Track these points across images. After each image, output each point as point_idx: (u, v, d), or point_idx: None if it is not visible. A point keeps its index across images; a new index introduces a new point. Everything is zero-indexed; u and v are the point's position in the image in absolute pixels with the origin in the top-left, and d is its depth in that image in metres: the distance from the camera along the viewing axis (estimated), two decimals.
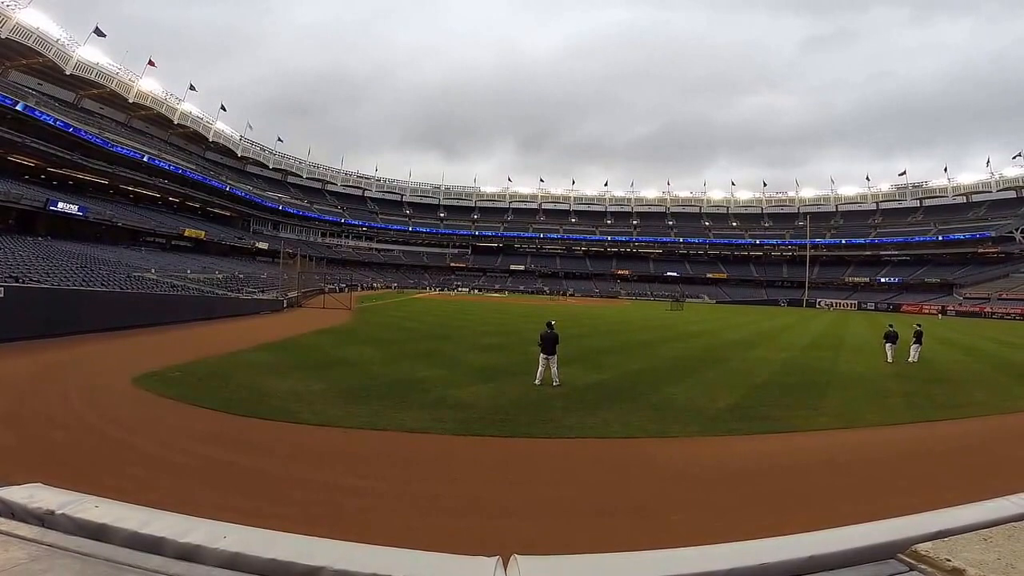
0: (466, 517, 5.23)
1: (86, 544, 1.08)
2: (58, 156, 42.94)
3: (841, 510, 5.28)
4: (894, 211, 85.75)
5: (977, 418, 9.94)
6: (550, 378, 11.19)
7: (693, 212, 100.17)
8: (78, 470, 5.75)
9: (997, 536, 1.17)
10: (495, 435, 7.82)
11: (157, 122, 61.24)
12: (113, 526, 1.13)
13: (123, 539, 1.11)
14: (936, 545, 1.14)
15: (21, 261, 24.05)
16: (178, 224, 55.36)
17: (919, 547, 1.14)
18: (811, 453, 7.70)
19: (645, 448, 7.63)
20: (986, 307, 57.46)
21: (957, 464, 7.27)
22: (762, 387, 12.02)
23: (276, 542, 1.14)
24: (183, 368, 11.93)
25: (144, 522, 1.15)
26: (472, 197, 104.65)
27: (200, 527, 1.16)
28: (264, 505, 5.17)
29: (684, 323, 33.05)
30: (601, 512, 5.47)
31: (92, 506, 1.19)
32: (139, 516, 1.18)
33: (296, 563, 1.07)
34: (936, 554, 1.10)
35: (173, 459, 6.40)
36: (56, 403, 8.62)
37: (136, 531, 1.12)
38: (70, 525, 1.14)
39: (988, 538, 1.16)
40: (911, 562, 1.13)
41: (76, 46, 48.09)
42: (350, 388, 10.47)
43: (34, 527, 1.13)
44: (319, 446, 7.25)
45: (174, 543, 1.10)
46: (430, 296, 61.24)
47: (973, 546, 1.12)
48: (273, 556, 1.08)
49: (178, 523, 1.17)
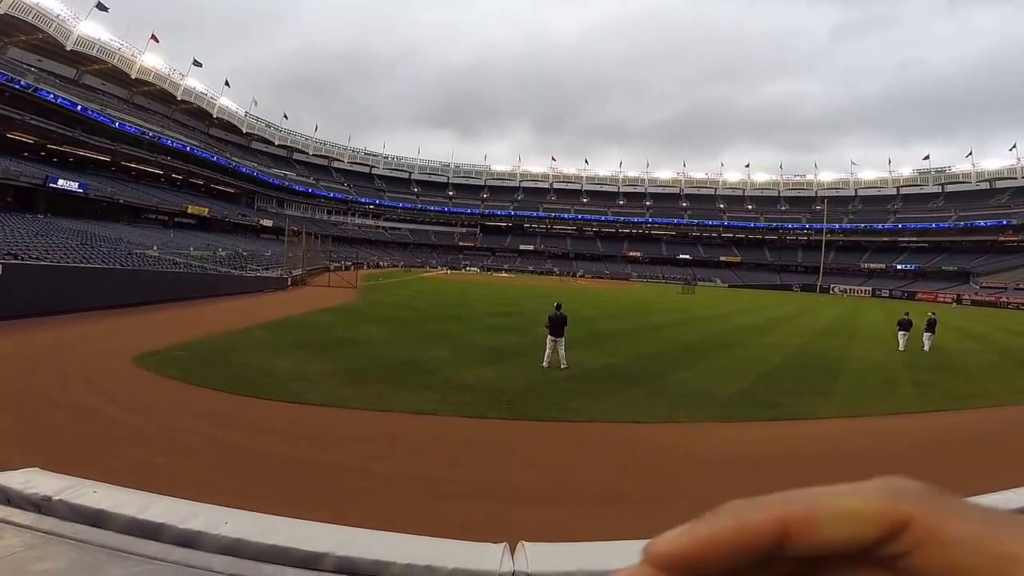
0: (472, 501, 5.22)
1: (83, 531, 1.07)
2: (58, 133, 42.74)
3: None
4: (915, 196, 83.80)
5: (988, 409, 9.82)
6: (557, 361, 11.18)
7: (708, 194, 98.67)
8: (77, 452, 5.70)
9: None
10: (501, 417, 7.83)
11: (160, 98, 60.93)
12: (111, 512, 1.12)
13: (122, 525, 1.10)
14: None
15: (20, 238, 23.56)
16: (181, 201, 55.12)
17: None
18: (819, 441, 7.66)
19: (653, 433, 7.62)
20: (1003, 296, 56.29)
21: (965, 455, 7.20)
22: (772, 373, 11.95)
23: (277, 528, 1.12)
24: (185, 347, 11.80)
25: (143, 507, 1.14)
26: (482, 176, 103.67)
27: (200, 512, 1.14)
28: (266, 488, 5.14)
29: (695, 307, 32.81)
30: (608, 498, 5.48)
31: (90, 491, 1.18)
32: (138, 501, 1.17)
33: (297, 549, 1.06)
34: None
35: (174, 441, 6.34)
36: (55, 384, 8.42)
37: (135, 517, 1.11)
38: (67, 511, 1.13)
39: None
40: None
41: (77, 21, 47.72)
42: (354, 368, 10.45)
43: (30, 513, 1.12)
44: (322, 428, 7.20)
45: (174, 529, 1.09)
46: (437, 275, 61.31)
47: None
48: (274, 542, 1.07)
49: (178, 508, 1.16)
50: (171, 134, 56.49)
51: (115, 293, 18.08)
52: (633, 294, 45.47)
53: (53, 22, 45.48)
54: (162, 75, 58.99)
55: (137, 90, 58.17)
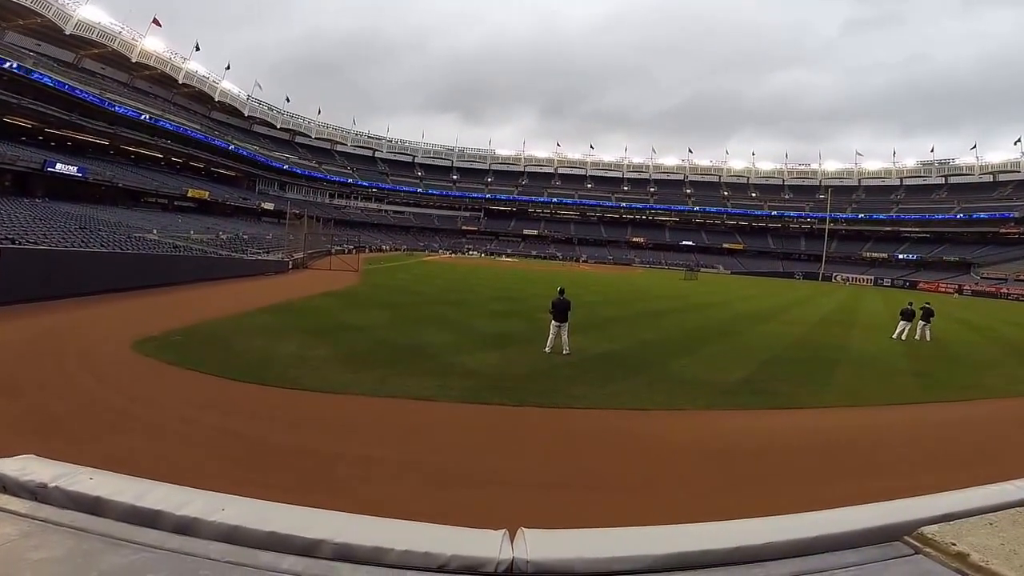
0: (472, 488, 5.22)
1: (80, 518, 1.06)
2: (56, 117, 42.36)
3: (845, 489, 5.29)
4: (918, 187, 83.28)
5: (985, 400, 9.83)
6: (560, 346, 11.20)
7: (712, 181, 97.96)
8: (74, 439, 5.66)
9: (1002, 521, 1.15)
10: (503, 403, 7.83)
11: (161, 82, 60.33)
12: (108, 499, 1.11)
13: (119, 513, 1.09)
14: (942, 528, 1.12)
15: (17, 222, 23.37)
16: (181, 184, 54.84)
17: (925, 530, 1.12)
18: (818, 430, 7.68)
19: (654, 420, 7.66)
20: (1003, 288, 56.39)
21: (962, 446, 7.23)
22: (773, 362, 11.97)
23: (275, 514, 1.12)
24: (184, 332, 11.69)
25: (140, 494, 1.13)
26: (486, 160, 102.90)
27: (197, 499, 1.13)
28: (264, 475, 5.11)
29: (698, 294, 32.79)
30: (608, 484, 5.50)
31: (87, 478, 1.17)
32: (135, 488, 1.16)
33: (296, 536, 1.05)
34: (942, 537, 1.09)
35: (172, 427, 6.28)
36: (52, 369, 8.30)
37: (132, 504, 1.10)
38: (64, 498, 1.12)
39: (993, 523, 1.14)
40: (917, 544, 1.11)
41: (77, 6, 47.14)
42: (355, 353, 10.41)
43: (26, 501, 1.11)
44: (322, 413, 7.14)
45: (171, 516, 1.08)
46: (440, 259, 61.25)
47: (978, 530, 1.11)
48: (272, 529, 1.06)
49: (175, 495, 1.15)
50: (171, 117, 56.00)
51: (114, 277, 17.87)
52: (636, 280, 45.42)
53: (52, 6, 44.92)
54: (163, 59, 58.29)
55: (138, 74, 57.57)
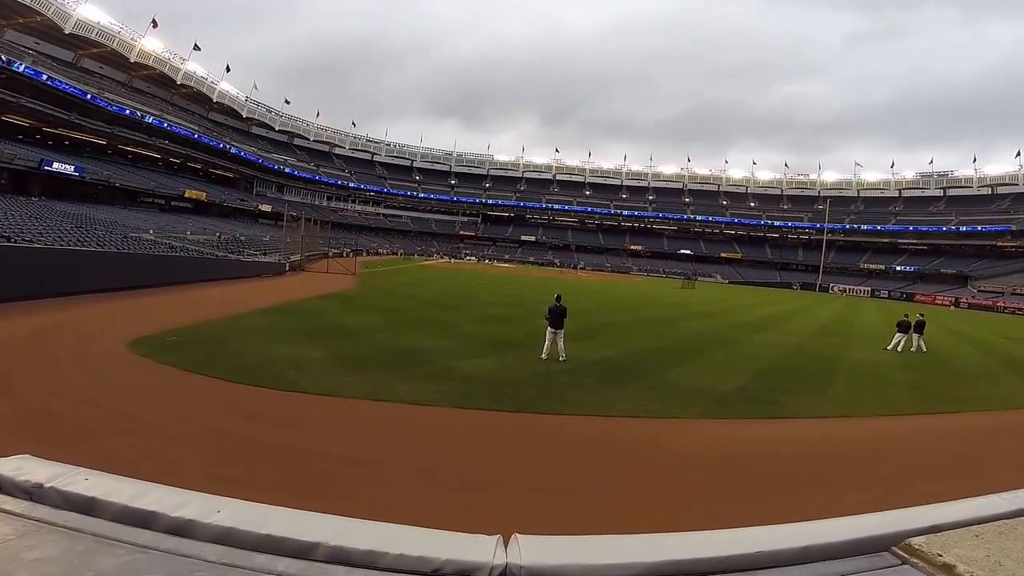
0: (466, 493, 5.21)
1: (74, 518, 1.06)
2: (54, 116, 42.29)
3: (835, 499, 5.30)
4: (916, 199, 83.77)
5: (978, 412, 9.84)
6: (556, 353, 11.20)
7: (711, 190, 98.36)
8: (69, 439, 5.64)
9: (988, 533, 1.16)
10: (499, 409, 7.82)
11: (159, 82, 60.37)
12: (103, 500, 1.11)
13: (113, 513, 1.09)
14: (929, 540, 1.13)
15: (14, 221, 23.18)
16: (178, 185, 54.77)
17: (912, 541, 1.13)
18: (812, 441, 7.70)
19: (649, 429, 7.65)
20: (999, 301, 56.61)
21: (952, 458, 7.22)
22: (769, 371, 11.98)
23: (270, 517, 1.12)
24: (180, 332, 11.67)
25: (135, 495, 1.13)
26: (485, 165, 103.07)
27: (193, 501, 1.13)
28: (259, 477, 5.10)
29: (695, 302, 32.85)
30: (603, 492, 5.49)
31: (82, 479, 1.16)
32: (130, 489, 1.16)
33: (291, 538, 1.05)
34: (929, 549, 1.09)
35: (168, 428, 6.27)
36: (48, 368, 8.24)
37: (127, 505, 1.10)
38: (59, 499, 1.12)
39: (979, 535, 1.15)
40: (904, 555, 1.12)
41: (76, 5, 47.20)
42: (351, 356, 10.40)
43: (22, 501, 1.11)
44: (317, 416, 7.13)
45: (166, 517, 1.08)
46: (437, 264, 61.25)
47: (964, 542, 1.11)
48: (267, 531, 1.06)
49: (170, 496, 1.15)
50: (170, 118, 56.01)
51: (110, 277, 17.87)
52: (633, 288, 45.49)
53: (52, 5, 44.96)
54: (162, 59, 58.35)
55: (136, 74, 57.64)
